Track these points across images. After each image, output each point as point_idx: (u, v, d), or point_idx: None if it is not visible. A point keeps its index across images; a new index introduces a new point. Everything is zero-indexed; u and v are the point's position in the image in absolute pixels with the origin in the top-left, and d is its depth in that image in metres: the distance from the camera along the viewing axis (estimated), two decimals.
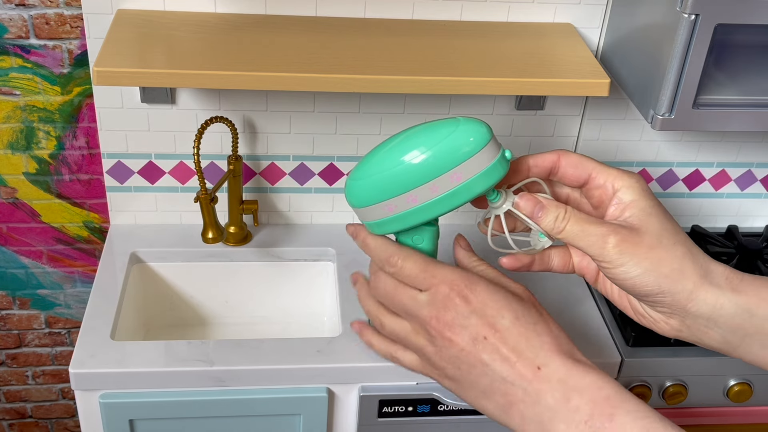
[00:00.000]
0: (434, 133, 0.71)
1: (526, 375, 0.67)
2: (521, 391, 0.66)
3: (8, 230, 1.35)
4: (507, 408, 0.68)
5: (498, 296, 0.70)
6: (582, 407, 0.64)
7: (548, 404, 0.65)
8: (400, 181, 0.72)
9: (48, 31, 1.16)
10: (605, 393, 0.64)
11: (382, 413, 1.09)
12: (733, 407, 1.20)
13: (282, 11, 1.16)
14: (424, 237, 0.78)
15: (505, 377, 0.67)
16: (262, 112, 1.23)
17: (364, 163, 0.75)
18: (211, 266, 1.28)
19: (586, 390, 0.64)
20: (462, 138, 0.70)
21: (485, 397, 0.69)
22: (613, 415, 0.62)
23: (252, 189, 1.31)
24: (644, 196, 0.72)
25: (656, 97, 1.02)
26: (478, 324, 0.69)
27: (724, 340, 0.70)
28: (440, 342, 0.70)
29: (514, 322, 0.68)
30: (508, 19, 1.19)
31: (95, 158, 1.29)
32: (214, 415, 1.06)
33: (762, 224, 1.46)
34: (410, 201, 0.73)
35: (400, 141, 0.73)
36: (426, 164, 0.71)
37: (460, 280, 0.71)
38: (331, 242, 1.31)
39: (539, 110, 1.28)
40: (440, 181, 0.71)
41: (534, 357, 0.67)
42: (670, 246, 0.70)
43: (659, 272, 0.69)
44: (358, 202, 0.76)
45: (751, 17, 0.96)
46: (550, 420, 0.65)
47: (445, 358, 0.71)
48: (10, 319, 1.46)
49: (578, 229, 0.71)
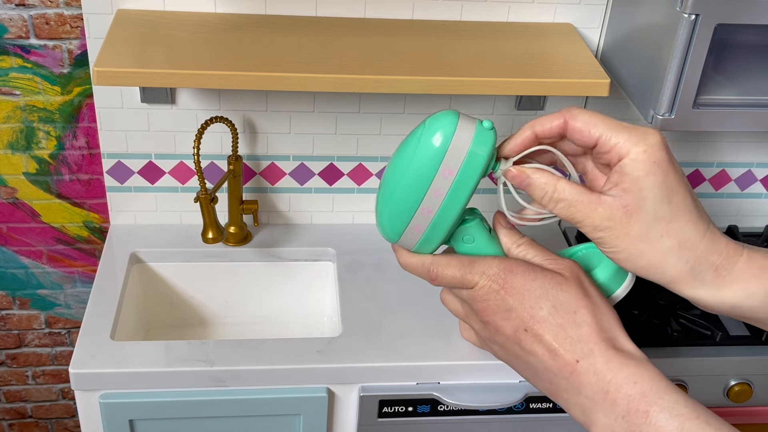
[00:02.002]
0: (409, 145, 0.73)
1: (565, 367, 0.67)
2: (563, 382, 0.67)
3: (8, 230, 1.35)
4: (553, 393, 0.70)
5: (536, 284, 0.70)
6: (619, 402, 0.64)
7: (588, 395, 0.66)
8: (407, 200, 0.73)
9: (48, 31, 1.16)
10: (640, 388, 0.64)
11: (382, 413, 1.09)
12: (733, 407, 1.20)
13: (282, 11, 1.16)
14: (472, 234, 0.77)
15: (548, 367, 0.68)
16: (262, 112, 1.23)
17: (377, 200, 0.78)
18: (211, 266, 1.28)
19: (622, 385, 0.64)
20: (431, 136, 0.71)
21: (533, 381, 0.71)
22: (648, 412, 0.63)
23: (252, 189, 1.31)
24: (648, 172, 0.68)
25: (656, 97, 1.02)
26: (518, 316, 0.70)
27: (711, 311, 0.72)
28: (490, 329, 0.73)
29: (552, 312, 0.69)
30: (508, 19, 1.19)
31: (95, 158, 1.29)
32: (214, 415, 1.06)
33: (762, 224, 1.46)
34: (427, 213, 0.74)
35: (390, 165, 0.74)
36: (415, 175, 0.72)
37: (497, 273, 0.71)
38: (331, 242, 1.30)
39: (539, 110, 1.28)
40: (437, 183, 0.72)
41: (572, 349, 0.67)
42: (656, 239, 0.69)
43: (636, 264, 0.70)
44: (392, 236, 0.78)
45: (751, 17, 0.96)
46: (591, 410, 0.66)
47: (496, 343, 0.73)
48: (10, 319, 1.46)
49: (566, 213, 0.70)
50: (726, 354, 1.15)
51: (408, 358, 1.07)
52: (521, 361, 0.71)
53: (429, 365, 1.07)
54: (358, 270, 1.24)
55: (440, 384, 1.08)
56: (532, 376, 0.71)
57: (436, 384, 1.08)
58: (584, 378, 0.66)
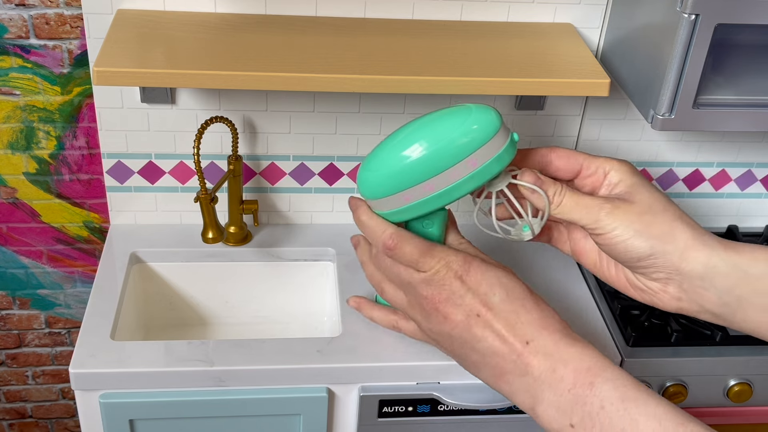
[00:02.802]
0: (449, 122, 0.73)
1: (515, 349, 0.70)
2: (511, 364, 0.70)
3: (8, 230, 1.35)
4: (497, 378, 0.71)
5: (490, 274, 0.73)
6: (566, 377, 0.67)
7: (535, 375, 0.69)
8: (417, 171, 0.74)
9: (48, 31, 1.16)
10: (587, 364, 0.67)
11: (382, 413, 1.09)
12: (733, 407, 1.20)
13: (282, 11, 1.16)
14: (435, 221, 0.80)
15: (496, 351, 0.71)
16: (262, 112, 1.23)
17: (377, 154, 0.77)
18: (211, 266, 1.28)
19: (570, 361, 0.68)
20: (476, 124, 0.72)
21: (476, 368, 0.73)
22: (593, 383, 0.66)
23: (252, 189, 1.31)
24: (632, 174, 0.76)
25: (656, 97, 1.02)
26: (472, 302, 0.72)
27: (722, 302, 0.72)
28: (435, 318, 0.74)
29: (505, 298, 0.72)
30: (508, 19, 1.19)
31: (95, 158, 1.29)
32: (214, 415, 1.06)
33: (762, 224, 1.46)
34: (427, 190, 0.75)
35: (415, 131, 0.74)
36: (443, 153, 0.73)
37: (456, 261, 0.74)
38: (331, 242, 1.31)
39: (539, 110, 1.28)
40: (457, 169, 0.73)
41: (523, 332, 0.70)
42: (660, 211, 0.73)
43: (649, 233, 0.72)
44: (373, 193, 0.78)
45: (751, 17, 0.96)
46: (537, 389, 0.68)
47: (438, 333, 0.75)
48: (10, 319, 1.46)
49: (573, 201, 0.75)
50: (726, 354, 1.15)
51: (408, 358, 1.07)
52: (467, 347, 0.73)
53: (429, 365, 1.07)
54: (358, 270, 1.24)
55: (440, 384, 1.08)
56: (478, 362, 0.73)
57: (436, 384, 1.08)
58: (532, 359, 0.69)
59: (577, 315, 1.19)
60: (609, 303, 1.21)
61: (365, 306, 0.95)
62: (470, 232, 0.90)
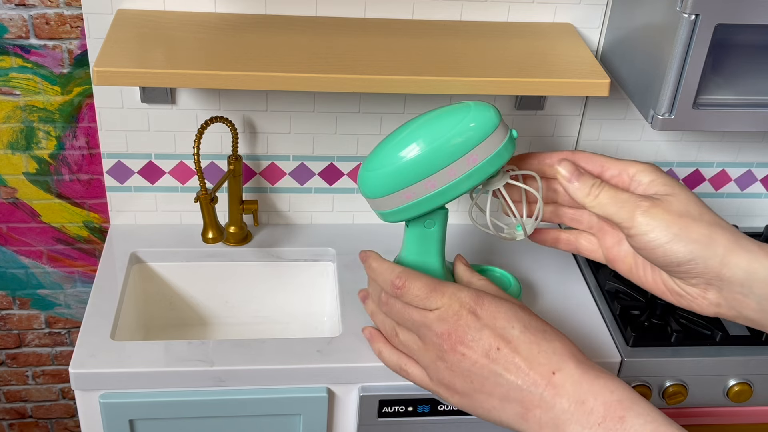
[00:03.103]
0: (448, 120, 0.74)
1: (540, 381, 0.68)
2: (537, 398, 0.67)
3: (8, 230, 1.35)
4: (524, 415, 0.68)
5: (505, 307, 0.72)
6: (596, 410, 0.65)
7: (563, 407, 0.66)
8: (419, 168, 0.74)
9: (48, 31, 1.16)
10: (617, 396, 0.65)
11: (382, 413, 1.09)
12: (733, 407, 1.20)
13: (282, 11, 1.16)
14: (436, 220, 0.80)
15: (520, 385, 0.68)
16: (262, 112, 1.23)
17: (377, 153, 0.77)
18: (211, 266, 1.28)
19: (600, 393, 0.66)
20: (474, 122, 0.73)
21: (501, 407, 0.70)
22: (624, 417, 0.64)
23: (252, 189, 1.31)
24: (662, 175, 0.75)
25: (656, 97, 1.02)
26: (490, 336, 0.70)
27: (761, 308, 0.70)
28: (452, 357, 0.72)
29: (524, 330, 0.70)
30: (508, 19, 1.19)
31: (95, 158, 1.29)
32: (214, 415, 1.06)
33: (762, 224, 1.46)
34: (428, 187, 0.75)
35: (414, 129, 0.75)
36: (442, 150, 0.73)
37: (467, 296, 0.72)
38: (331, 242, 1.31)
39: (539, 110, 1.28)
40: (458, 165, 0.73)
41: (547, 362, 0.68)
42: (698, 215, 0.71)
43: (689, 237, 0.70)
44: (374, 192, 0.78)
45: (751, 17, 0.96)
46: (565, 422, 0.66)
47: (456, 373, 0.72)
48: (10, 319, 1.46)
49: (610, 196, 0.73)
50: (726, 354, 1.15)
51: None
52: (489, 384, 0.70)
53: None
54: (358, 270, 1.24)
55: None
56: (500, 401, 0.70)
57: None
58: (560, 389, 0.67)
59: (576, 315, 1.19)
60: (609, 303, 1.21)
61: (377, 338, 0.89)
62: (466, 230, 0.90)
